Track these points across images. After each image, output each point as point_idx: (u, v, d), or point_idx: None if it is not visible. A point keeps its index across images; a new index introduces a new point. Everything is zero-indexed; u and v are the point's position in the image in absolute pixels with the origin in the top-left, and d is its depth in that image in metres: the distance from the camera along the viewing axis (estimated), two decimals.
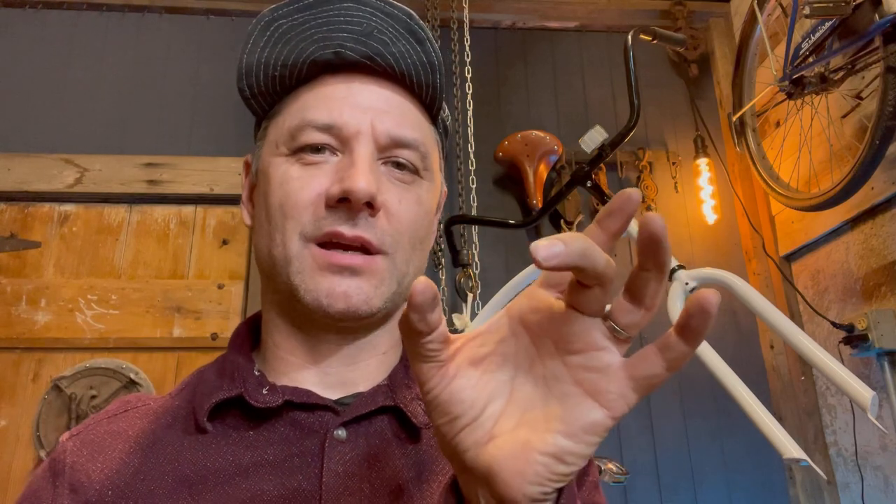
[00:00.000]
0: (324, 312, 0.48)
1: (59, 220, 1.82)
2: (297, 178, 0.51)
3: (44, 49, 1.96)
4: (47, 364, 1.69)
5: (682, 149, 2.07)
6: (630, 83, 1.39)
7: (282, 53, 0.53)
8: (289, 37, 0.52)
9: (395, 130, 0.52)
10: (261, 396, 0.49)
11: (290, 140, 0.52)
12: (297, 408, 0.49)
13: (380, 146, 0.51)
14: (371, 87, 0.53)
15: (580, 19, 2.18)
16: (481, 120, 1.98)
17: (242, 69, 0.54)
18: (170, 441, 0.49)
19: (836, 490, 1.71)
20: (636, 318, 0.32)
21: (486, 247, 1.87)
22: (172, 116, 1.93)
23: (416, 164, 0.53)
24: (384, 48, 0.52)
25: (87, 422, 0.54)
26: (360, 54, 0.52)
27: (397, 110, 0.53)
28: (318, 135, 0.51)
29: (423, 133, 0.54)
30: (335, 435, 0.48)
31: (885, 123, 1.30)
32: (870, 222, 1.58)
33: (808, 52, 1.48)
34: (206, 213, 1.87)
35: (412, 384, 0.53)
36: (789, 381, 1.83)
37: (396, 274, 0.51)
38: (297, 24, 0.52)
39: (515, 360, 0.34)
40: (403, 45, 0.52)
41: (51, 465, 0.50)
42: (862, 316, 1.50)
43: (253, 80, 0.54)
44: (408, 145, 0.52)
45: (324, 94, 0.52)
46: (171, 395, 0.55)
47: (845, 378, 1.03)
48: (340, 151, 0.51)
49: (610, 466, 1.57)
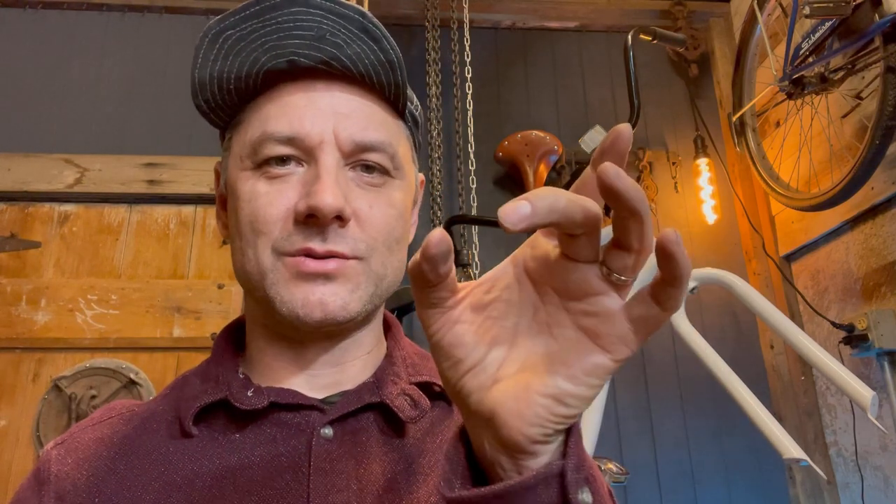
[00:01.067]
0: (301, 322, 0.48)
1: (59, 220, 1.82)
2: (264, 194, 0.49)
3: (44, 49, 1.96)
4: (47, 364, 1.69)
5: (682, 149, 2.07)
6: (630, 83, 1.39)
7: (234, 66, 0.51)
8: (239, 47, 0.51)
9: (360, 135, 0.50)
10: (246, 399, 0.49)
11: (253, 154, 0.50)
12: (283, 408, 0.49)
13: (345, 153, 0.50)
14: (332, 91, 0.51)
15: (580, 19, 2.18)
16: (481, 120, 1.98)
17: (196, 85, 0.52)
18: (155, 446, 0.49)
19: (836, 490, 1.71)
20: (629, 262, 0.31)
21: (486, 247, 1.87)
22: (172, 116, 1.93)
23: (385, 166, 0.52)
24: (339, 51, 0.50)
25: (71, 430, 0.54)
26: (314, 60, 0.50)
27: (360, 113, 0.51)
28: (280, 147, 0.49)
29: (389, 133, 0.53)
30: (322, 433, 0.48)
31: (885, 123, 1.30)
32: (870, 222, 1.58)
33: (808, 52, 1.48)
34: (206, 213, 1.87)
35: (397, 380, 0.53)
36: (789, 381, 1.83)
37: (373, 277, 0.51)
38: (247, 33, 0.50)
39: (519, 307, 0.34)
40: (359, 46, 0.50)
41: (36, 475, 0.50)
42: (862, 316, 1.50)
43: (208, 94, 0.53)
44: (373, 148, 0.51)
45: (283, 102, 0.51)
46: (156, 400, 0.55)
47: (845, 378, 1.03)
48: (306, 162, 0.50)
49: (610, 466, 1.57)
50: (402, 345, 0.57)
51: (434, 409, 0.53)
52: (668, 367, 1.86)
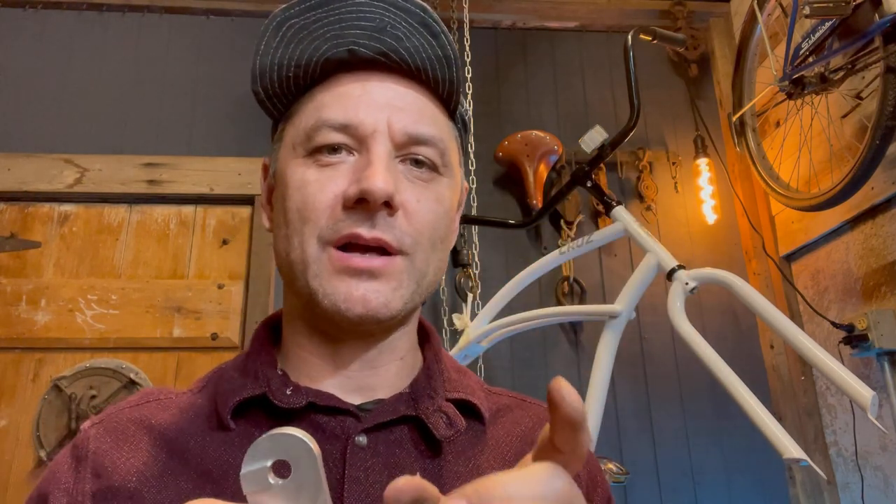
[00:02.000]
0: (342, 317, 0.48)
1: (59, 220, 1.82)
2: (314, 181, 0.50)
3: (44, 49, 1.96)
4: (47, 364, 1.69)
5: (682, 149, 2.07)
6: (630, 83, 1.39)
7: (295, 53, 0.52)
8: (301, 36, 0.52)
9: (412, 127, 0.51)
10: (285, 397, 0.49)
11: (306, 141, 0.51)
12: (320, 411, 0.49)
13: (397, 144, 0.50)
14: (387, 83, 0.52)
15: (580, 19, 2.18)
16: (481, 120, 1.98)
17: (256, 71, 0.53)
18: (193, 436, 0.49)
19: (836, 490, 1.71)
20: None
21: (486, 247, 1.87)
22: (172, 116, 1.93)
23: (435, 161, 0.52)
24: (398, 43, 0.51)
25: (108, 410, 0.54)
26: (373, 51, 0.51)
27: (414, 107, 0.52)
28: (334, 134, 0.50)
29: (440, 129, 0.53)
30: (356, 441, 0.47)
31: (885, 123, 1.30)
32: (870, 222, 1.58)
33: (808, 52, 1.48)
34: (206, 213, 1.87)
35: (435, 395, 0.52)
36: (789, 381, 1.83)
37: (415, 274, 0.50)
38: (310, 22, 0.51)
39: None
40: (418, 40, 0.51)
41: (73, 452, 0.50)
42: (862, 316, 1.50)
43: (267, 81, 0.54)
44: (425, 142, 0.51)
45: (339, 92, 0.52)
46: (192, 391, 0.55)
47: (845, 378, 1.03)
48: (357, 151, 0.50)
49: (610, 466, 1.57)
50: (440, 357, 0.57)
51: (468, 430, 0.52)
52: (668, 367, 1.86)
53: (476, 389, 0.56)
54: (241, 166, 1.87)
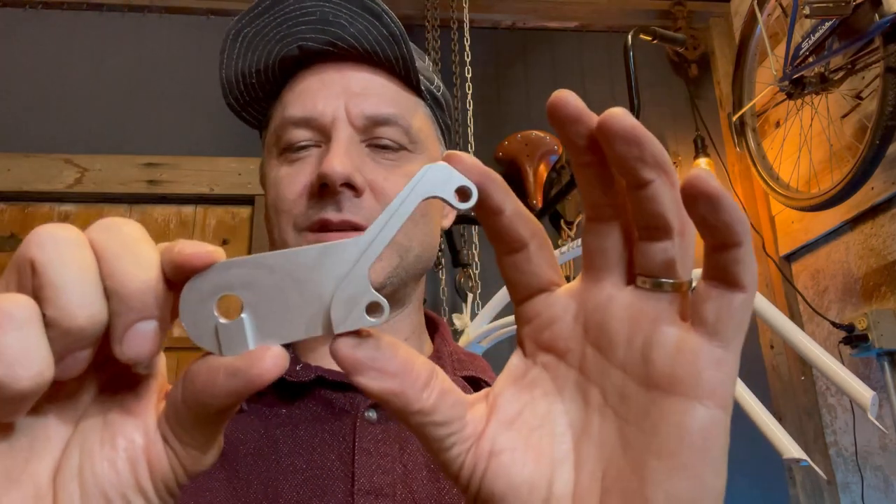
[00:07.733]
0: None
1: (58, 220, 1.82)
2: (285, 176, 0.52)
3: (44, 49, 1.96)
4: None
5: (682, 149, 2.07)
6: (630, 83, 1.39)
7: (253, 60, 0.54)
8: (255, 42, 0.54)
9: (371, 109, 0.52)
10: (294, 372, 0.50)
11: (277, 141, 0.54)
12: (329, 386, 0.50)
13: (358, 128, 0.52)
14: (343, 72, 0.54)
15: (580, 19, 2.18)
16: (481, 120, 1.98)
17: (224, 85, 0.56)
18: None
19: (836, 490, 1.71)
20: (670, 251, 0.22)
21: (486, 247, 1.87)
22: (172, 116, 1.93)
23: (399, 140, 0.53)
24: (343, 31, 0.52)
25: None
26: (321, 43, 0.53)
27: (371, 90, 0.53)
28: (297, 131, 0.52)
29: (402, 107, 0.54)
30: (366, 416, 0.48)
31: (885, 123, 1.31)
32: (870, 222, 1.58)
33: (808, 52, 1.48)
34: (206, 213, 1.87)
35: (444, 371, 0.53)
36: (789, 381, 1.83)
37: (395, 247, 0.51)
38: (261, 28, 0.53)
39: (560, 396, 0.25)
40: (361, 24, 0.52)
41: None
42: (862, 316, 1.50)
43: (236, 92, 0.56)
44: (385, 121, 0.52)
45: (299, 90, 0.54)
46: None
47: (845, 378, 1.03)
48: (322, 143, 0.52)
49: None
50: (448, 342, 0.58)
51: None
52: None
53: (487, 369, 0.58)
54: (241, 166, 1.87)
